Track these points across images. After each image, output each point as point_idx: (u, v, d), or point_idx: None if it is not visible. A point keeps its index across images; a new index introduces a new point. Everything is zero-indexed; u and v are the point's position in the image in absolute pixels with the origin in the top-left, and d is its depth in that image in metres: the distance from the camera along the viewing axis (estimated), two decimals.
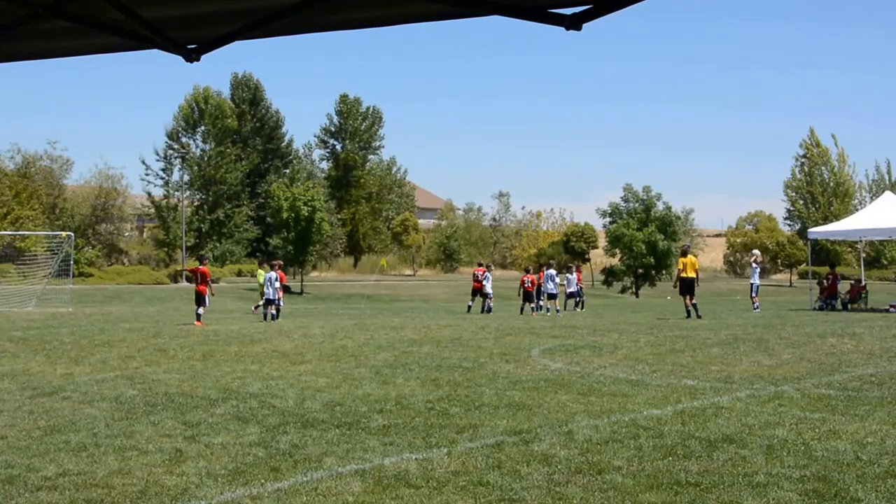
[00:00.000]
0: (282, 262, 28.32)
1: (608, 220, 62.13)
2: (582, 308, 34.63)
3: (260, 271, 29.50)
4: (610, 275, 60.58)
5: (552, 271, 30.99)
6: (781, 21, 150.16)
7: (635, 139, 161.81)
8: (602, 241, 64.72)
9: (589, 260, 68.27)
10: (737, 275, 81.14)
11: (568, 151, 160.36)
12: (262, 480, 6.60)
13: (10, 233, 47.46)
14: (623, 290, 59.04)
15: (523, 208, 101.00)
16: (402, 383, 11.64)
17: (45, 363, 13.92)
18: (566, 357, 14.86)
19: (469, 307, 31.51)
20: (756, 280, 32.11)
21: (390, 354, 15.11)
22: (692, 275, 25.73)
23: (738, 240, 78.38)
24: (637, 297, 55.71)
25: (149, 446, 7.72)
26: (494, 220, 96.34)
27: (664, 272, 57.85)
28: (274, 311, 24.88)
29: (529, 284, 30.19)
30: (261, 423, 8.79)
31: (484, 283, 31.17)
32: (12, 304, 31.41)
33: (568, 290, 34.63)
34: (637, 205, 60.60)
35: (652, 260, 56.63)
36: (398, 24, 2.91)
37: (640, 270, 57.82)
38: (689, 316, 24.95)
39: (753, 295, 31.25)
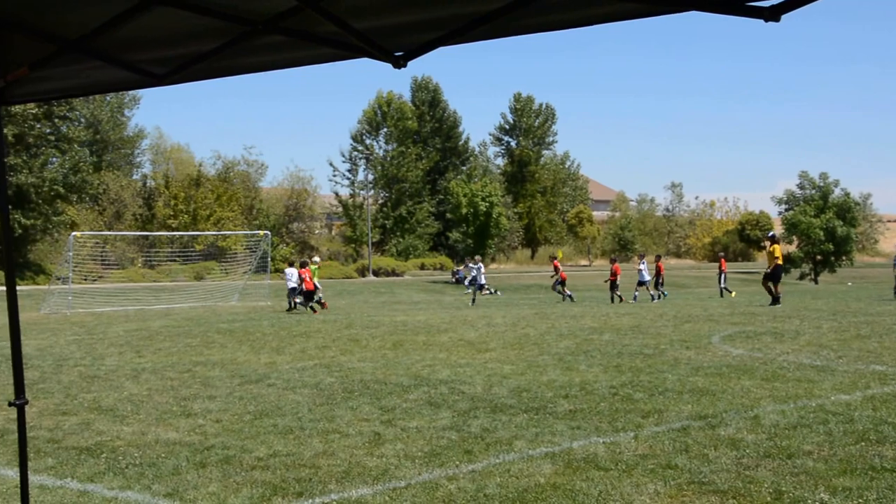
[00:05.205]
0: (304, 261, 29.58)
1: (784, 207, 61.50)
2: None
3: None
4: (787, 262, 59.88)
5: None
6: None
7: (810, 126, 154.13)
8: (778, 229, 63.74)
9: (765, 248, 67.05)
10: None
11: (741, 141, 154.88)
12: (457, 462, 6.88)
13: (213, 233, 50.98)
14: (801, 277, 57.77)
15: (696, 198, 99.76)
16: (585, 370, 11.79)
17: (251, 353, 14.91)
18: (747, 343, 14.58)
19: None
20: None
21: (572, 342, 15.26)
22: (781, 262, 25.75)
23: None
24: (816, 283, 53.97)
25: (349, 430, 8.18)
26: (668, 210, 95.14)
27: (844, 258, 56.74)
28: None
29: (613, 275, 30.77)
30: (452, 408, 9.14)
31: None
32: (217, 299, 33.57)
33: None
34: (814, 192, 59.65)
35: (831, 246, 55.49)
36: (594, 25, 2.88)
37: (819, 257, 56.55)
38: (778, 302, 24.40)
39: None
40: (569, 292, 32.24)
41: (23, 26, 3.25)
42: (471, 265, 34.77)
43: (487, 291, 33.49)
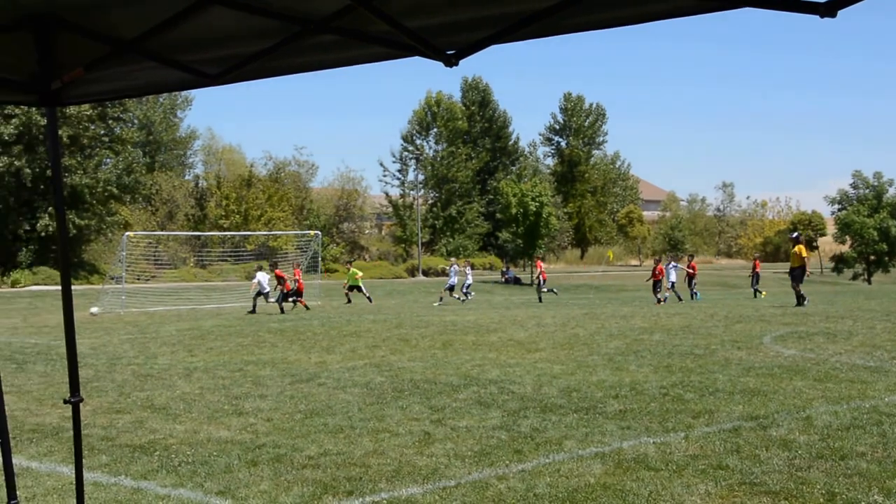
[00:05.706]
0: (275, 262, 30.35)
1: (837, 206, 61.48)
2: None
3: (354, 270, 33.60)
4: (840, 262, 59.56)
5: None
6: None
7: (864, 126, 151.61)
8: (831, 229, 63.58)
9: (817, 248, 67.02)
10: None
11: (793, 140, 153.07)
12: (507, 462, 6.87)
13: (264, 233, 51.59)
14: (854, 277, 57.41)
15: (748, 198, 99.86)
16: (635, 370, 11.69)
17: (301, 352, 15.04)
18: (799, 344, 14.34)
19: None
20: None
21: (622, 342, 15.14)
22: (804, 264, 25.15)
23: None
24: (869, 283, 53.42)
25: (399, 429, 8.21)
26: (719, 210, 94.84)
27: None
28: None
29: (658, 274, 30.74)
30: (501, 408, 9.12)
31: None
32: (268, 299, 33.83)
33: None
34: (867, 191, 59.62)
35: (885, 246, 55.53)
36: (647, 22, 2.84)
37: (872, 257, 56.43)
38: (804, 299, 23.95)
39: None
40: (553, 289, 32.18)
41: (78, 27, 3.30)
42: (456, 267, 34.63)
43: (455, 296, 33.55)
